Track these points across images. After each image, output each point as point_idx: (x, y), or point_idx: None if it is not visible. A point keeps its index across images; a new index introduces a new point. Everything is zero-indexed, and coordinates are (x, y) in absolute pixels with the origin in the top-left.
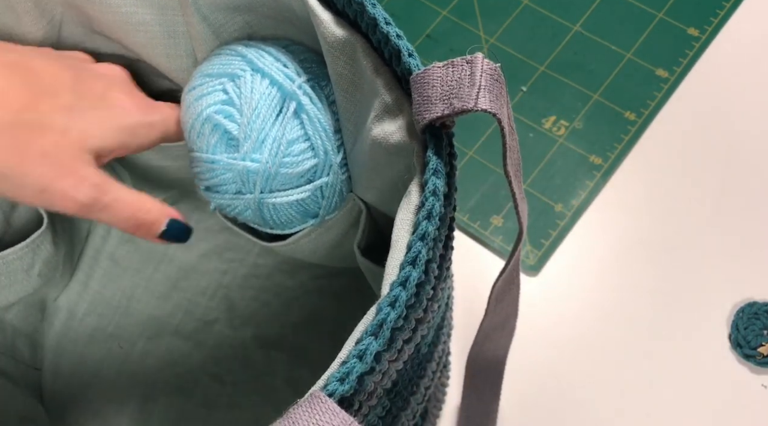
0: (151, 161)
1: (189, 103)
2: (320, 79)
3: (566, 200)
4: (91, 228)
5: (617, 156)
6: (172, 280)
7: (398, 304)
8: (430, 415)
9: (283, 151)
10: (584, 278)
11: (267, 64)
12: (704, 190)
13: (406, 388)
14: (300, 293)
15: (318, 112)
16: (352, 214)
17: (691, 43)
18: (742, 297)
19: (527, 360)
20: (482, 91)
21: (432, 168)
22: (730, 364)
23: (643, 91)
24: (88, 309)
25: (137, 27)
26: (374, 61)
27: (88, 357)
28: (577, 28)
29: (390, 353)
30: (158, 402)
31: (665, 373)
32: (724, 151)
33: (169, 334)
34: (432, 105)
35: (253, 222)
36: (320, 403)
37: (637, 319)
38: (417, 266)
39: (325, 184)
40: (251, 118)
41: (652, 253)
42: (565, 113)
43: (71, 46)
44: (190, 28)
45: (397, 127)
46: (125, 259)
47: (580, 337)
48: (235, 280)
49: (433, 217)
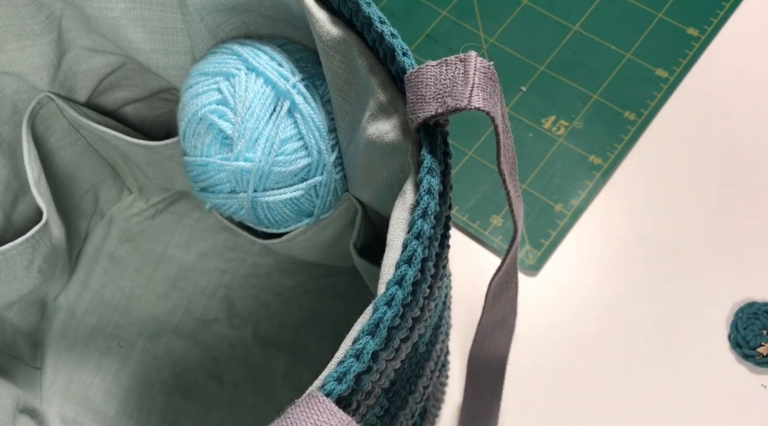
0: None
1: (185, 101)
2: (315, 78)
3: (566, 200)
4: (90, 227)
5: (617, 156)
6: (172, 279)
7: (394, 303)
8: (429, 415)
9: (276, 150)
10: (584, 278)
11: (262, 63)
12: (704, 190)
13: (404, 388)
14: (300, 293)
15: (312, 111)
16: (348, 213)
17: (691, 43)
18: (742, 297)
19: (527, 359)
20: (476, 90)
21: (427, 166)
22: (730, 364)
23: (643, 91)
24: (88, 308)
25: (135, 22)
26: (369, 60)
27: (88, 356)
28: (577, 28)
29: (387, 352)
30: (158, 401)
31: (665, 373)
32: (723, 150)
33: (168, 334)
34: (426, 103)
35: (248, 221)
36: (318, 402)
37: (637, 319)
38: (413, 265)
39: (319, 183)
40: (245, 117)
41: (651, 253)
42: (564, 113)
43: (70, 41)
44: (187, 26)
45: (391, 126)
46: (125, 259)
47: (580, 337)
48: (235, 279)
49: (429, 215)
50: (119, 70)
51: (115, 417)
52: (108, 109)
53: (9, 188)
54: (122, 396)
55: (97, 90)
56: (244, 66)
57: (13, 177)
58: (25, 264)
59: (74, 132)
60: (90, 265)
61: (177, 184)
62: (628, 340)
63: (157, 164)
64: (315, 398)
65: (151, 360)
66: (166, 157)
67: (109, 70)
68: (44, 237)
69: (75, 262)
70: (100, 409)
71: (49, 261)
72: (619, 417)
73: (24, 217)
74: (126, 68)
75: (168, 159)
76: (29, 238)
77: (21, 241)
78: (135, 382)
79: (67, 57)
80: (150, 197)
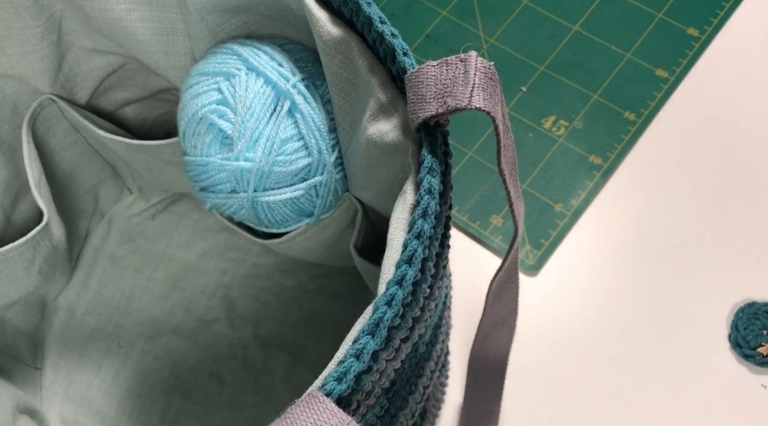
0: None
1: (185, 101)
2: (315, 78)
3: (566, 200)
4: (90, 227)
5: (617, 156)
6: (172, 279)
7: (395, 303)
8: (429, 415)
9: (277, 150)
10: (584, 278)
11: (262, 63)
12: (704, 190)
13: (404, 388)
14: (300, 293)
15: (312, 111)
16: (348, 213)
17: (691, 43)
18: (742, 297)
19: (527, 359)
20: (476, 90)
21: (427, 166)
22: (730, 364)
23: (643, 91)
24: (88, 308)
25: (136, 23)
26: (369, 60)
27: (88, 356)
28: (576, 28)
29: (387, 352)
30: (158, 401)
31: (665, 373)
32: (724, 150)
33: (168, 334)
34: (426, 103)
35: (248, 221)
36: (318, 402)
37: (637, 319)
38: (413, 265)
39: (320, 183)
40: (245, 117)
41: (651, 253)
42: (564, 113)
43: (70, 42)
44: (188, 26)
45: (392, 126)
46: (125, 259)
47: (580, 337)
48: (235, 279)
49: (429, 215)
50: (119, 71)
51: (115, 417)
52: (108, 109)
53: (9, 189)
54: (122, 396)
55: (97, 90)
56: (245, 66)
57: (13, 177)
58: (25, 265)
59: (75, 133)
60: (90, 265)
61: (175, 188)
62: (628, 340)
63: (155, 169)
64: (315, 398)
65: (151, 360)
66: (165, 160)
67: (109, 71)
68: (45, 238)
69: (75, 263)
70: (100, 409)
71: (49, 261)
72: (619, 417)
73: (24, 217)
74: (126, 69)
75: (167, 162)
76: (30, 239)
77: (22, 242)
78: (135, 382)
79: (67, 58)
80: (150, 197)
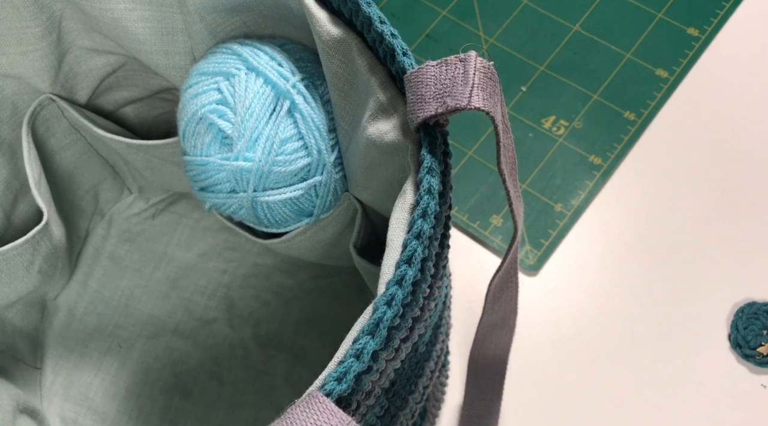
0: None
1: (185, 101)
2: (315, 78)
3: (566, 200)
4: (90, 226)
5: (617, 156)
6: (172, 279)
7: (394, 303)
8: (429, 415)
9: (276, 150)
10: (584, 278)
11: (262, 63)
12: (704, 190)
13: (404, 388)
14: (300, 293)
15: (311, 111)
16: (348, 213)
17: (691, 43)
18: (742, 297)
19: (527, 359)
20: (475, 90)
21: (426, 166)
22: (730, 364)
23: (643, 91)
24: (88, 308)
25: (136, 23)
26: (369, 60)
27: (88, 356)
28: (576, 28)
29: (387, 352)
30: (158, 401)
31: (665, 373)
32: (724, 150)
33: (168, 334)
34: (426, 103)
35: (248, 221)
36: (318, 403)
37: (637, 319)
38: (413, 265)
39: (319, 182)
40: (245, 117)
41: (651, 253)
42: (564, 113)
43: (70, 42)
44: (187, 26)
45: (391, 126)
46: (125, 259)
47: (580, 337)
48: (235, 279)
49: (429, 215)
50: (119, 70)
51: (115, 417)
52: (108, 109)
53: (9, 188)
54: (122, 396)
55: (97, 90)
56: (244, 66)
57: (13, 177)
58: (25, 264)
59: (75, 133)
60: (90, 265)
61: (175, 187)
62: (628, 340)
63: (156, 168)
64: (315, 398)
65: (151, 360)
66: (165, 159)
67: (109, 70)
68: (44, 237)
69: (75, 262)
70: (100, 409)
71: (49, 261)
72: (619, 417)
73: (24, 217)
74: (126, 68)
75: (167, 161)
76: (30, 239)
77: (21, 241)
78: (135, 382)
79: (67, 58)
80: (150, 197)
